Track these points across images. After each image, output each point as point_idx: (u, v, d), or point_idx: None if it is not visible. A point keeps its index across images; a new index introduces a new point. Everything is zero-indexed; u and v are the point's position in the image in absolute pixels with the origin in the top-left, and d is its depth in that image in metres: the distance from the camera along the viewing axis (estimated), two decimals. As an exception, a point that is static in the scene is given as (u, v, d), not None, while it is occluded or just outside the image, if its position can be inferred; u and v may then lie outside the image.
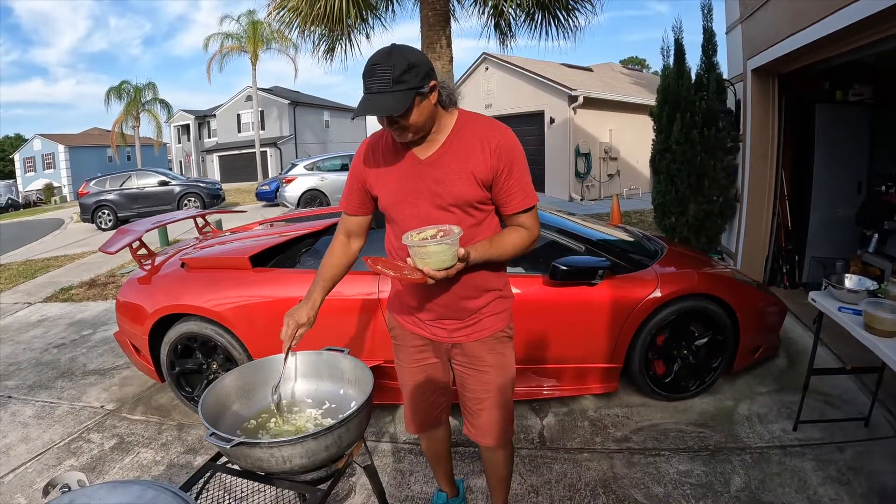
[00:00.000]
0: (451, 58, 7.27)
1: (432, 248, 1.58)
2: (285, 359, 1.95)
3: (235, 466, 1.77)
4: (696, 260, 4.09)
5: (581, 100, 14.72)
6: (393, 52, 1.65)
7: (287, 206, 14.66)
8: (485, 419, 2.08)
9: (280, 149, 34.07)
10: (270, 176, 31.23)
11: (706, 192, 6.18)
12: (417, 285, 1.88)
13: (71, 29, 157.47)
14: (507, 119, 16.78)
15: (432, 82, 1.70)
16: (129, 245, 3.97)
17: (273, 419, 1.90)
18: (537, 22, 7.30)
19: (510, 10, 7.37)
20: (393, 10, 8.01)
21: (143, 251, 4.26)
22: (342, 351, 2.03)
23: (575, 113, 15.00)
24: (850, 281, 3.03)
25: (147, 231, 4.16)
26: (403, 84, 1.63)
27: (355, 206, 2.04)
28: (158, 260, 4.16)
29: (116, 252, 3.89)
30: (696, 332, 3.54)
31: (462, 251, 1.66)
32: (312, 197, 14.35)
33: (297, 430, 1.82)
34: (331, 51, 8.07)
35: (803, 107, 5.71)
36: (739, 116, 6.12)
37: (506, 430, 2.11)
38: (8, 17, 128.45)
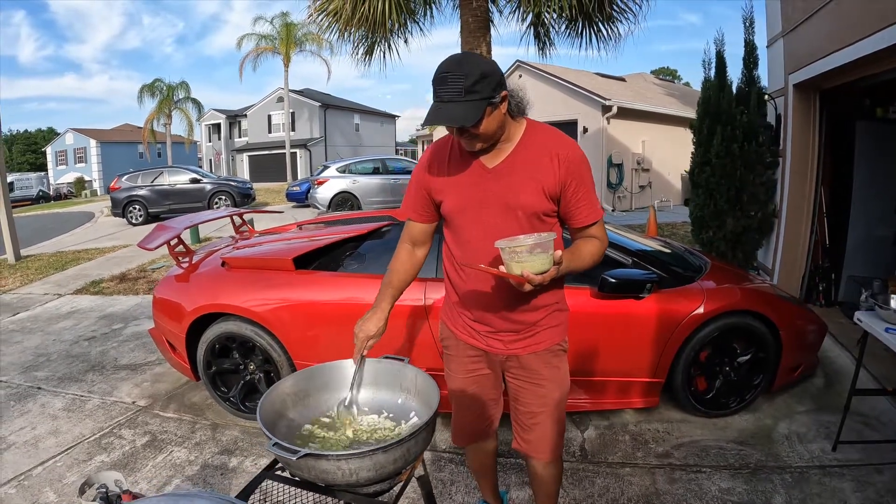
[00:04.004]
0: (492, 66, 7.29)
1: (530, 253, 1.58)
2: (356, 371, 1.93)
3: (289, 474, 1.74)
4: (738, 275, 4.07)
5: (615, 110, 14.68)
6: (465, 61, 1.65)
7: (318, 208, 14.73)
8: (538, 433, 2.06)
9: (310, 150, 34.45)
10: (300, 177, 31.54)
11: (745, 206, 6.13)
12: (477, 297, 1.90)
13: (105, 25, 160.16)
14: (539, 127, 16.79)
15: (503, 92, 1.70)
16: (168, 242, 3.96)
17: (327, 428, 1.85)
18: (578, 30, 7.29)
19: (551, 18, 7.37)
20: (431, 15, 7.99)
21: (180, 248, 4.26)
22: (402, 360, 2.00)
23: (608, 123, 14.95)
24: (896, 301, 3.02)
25: (186, 228, 4.17)
26: (475, 94, 1.63)
27: (420, 213, 2.02)
28: (196, 258, 4.19)
29: (156, 248, 3.90)
30: (738, 348, 3.53)
31: (558, 254, 1.64)
32: (344, 199, 14.38)
33: (355, 440, 1.80)
34: (369, 54, 8.10)
35: (843, 123, 5.66)
36: (779, 131, 6.08)
37: (558, 445, 2.10)
38: (44, 13, 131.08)
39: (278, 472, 1.78)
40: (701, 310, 3.33)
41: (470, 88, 1.62)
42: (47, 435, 3.64)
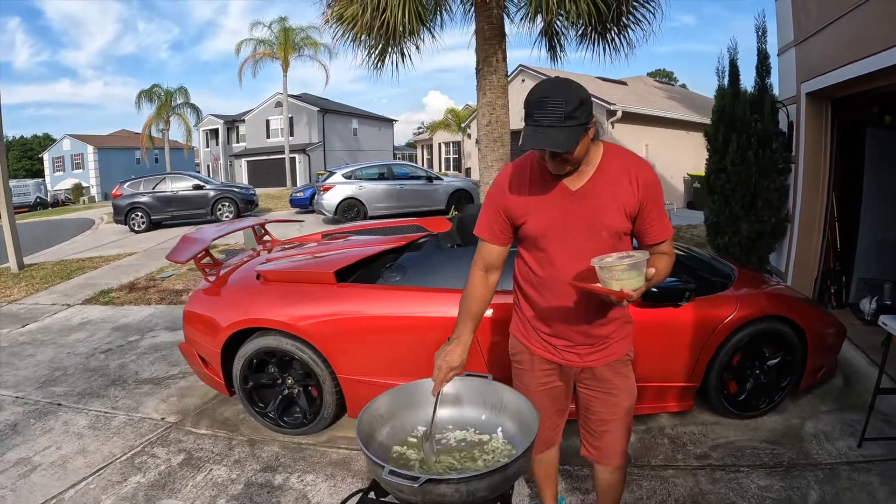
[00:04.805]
0: (507, 72, 7.40)
1: (630, 271, 1.65)
2: (436, 404, 1.87)
3: (390, 497, 1.64)
4: (763, 281, 4.22)
5: (620, 114, 14.81)
6: (564, 87, 1.70)
7: (324, 214, 14.78)
8: (609, 440, 2.14)
9: (309, 155, 34.46)
10: (299, 182, 31.54)
11: (759, 212, 6.27)
12: (558, 313, 1.99)
13: (100, 31, 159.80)
14: (541, 132, 16.87)
15: (594, 118, 1.77)
16: (197, 254, 3.90)
17: (417, 449, 1.80)
18: (592, 38, 7.41)
19: (563, 27, 7.48)
20: (442, 21, 8.07)
21: (207, 260, 4.18)
22: (486, 376, 1.96)
23: (613, 127, 15.04)
24: (920, 305, 3.17)
25: (214, 239, 4.11)
26: (574, 120, 1.67)
27: (496, 235, 2.04)
28: (223, 271, 4.13)
29: (187, 262, 3.86)
30: (766, 352, 3.66)
31: (651, 271, 1.70)
32: (350, 205, 14.43)
33: (452, 463, 1.75)
34: (381, 60, 8.18)
35: (853, 130, 5.82)
36: (791, 138, 6.23)
37: (626, 451, 2.19)
38: (39, 19, 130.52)
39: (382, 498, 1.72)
40: (734, 316, 3.46)
41: (570, 114, 1.66)
42: (75, 455, 3.51)
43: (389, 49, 7.95)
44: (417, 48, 8.08)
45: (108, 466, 3.36)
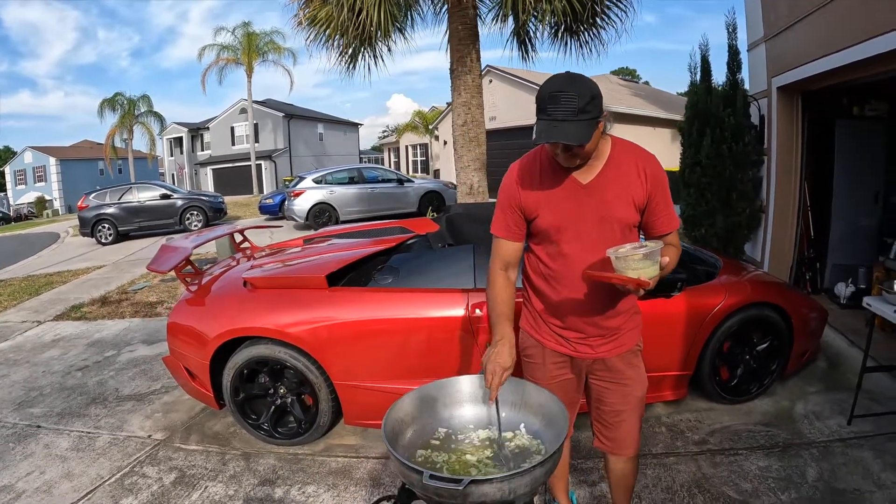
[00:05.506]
0: (481, 72, 7.45)
1: (645, 260, 1.69)
2: (497, 410, 1.83)
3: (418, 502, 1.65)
4: (745, 269, 4.32)
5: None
6: (577, 81, 1.71)
7: (295, 220, 14.69)
8: (624, 430, 2.16)
9: (275, 161, 34.13)
10: (266, 189, 31.22)
11: (734, 204, 6.44)
12: (571, 306, 2.02)
13: (59, 40, 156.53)
14: (511, 132, 17.00)
15: (605, 112, 1.78)
16: (178, 263, 3.81)
17: (440, 451, 1.77)
18: (562, 38, 7.51)
19: (536, 27, 7.58)
20: (413, 23, 8.13)
21: (188, 269, 4.07)
22: None
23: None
24: (900, 286, 3.31)
25: (195, 247, 4.01)
26: (587, 114, 1.69)
27: (513, 231, 2.05)
28: (204, 279, 4.03)
29: (169, 271, 3.78)
30: (755, 338, 3.77)
31: (665, 260, 1.74)
32: (321, 210, 14.35)
33: (479, 460, 1.73)
34: (353, 62, 8.17)
35: (823, 122, 6.00)
36: (763, 131, 6.40)
37: (639, 441, 2.22)
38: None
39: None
40: (724, 304, 3.55)
41: (583, 108, 1.68)
42: (60, 479, 3.33)
43: (362, 50, 7.95)
44: (389, 50, 8.12)
45: (97, 490, 3.20)
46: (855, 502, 2.78)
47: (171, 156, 41.04)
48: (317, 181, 14.87)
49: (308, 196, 14.50)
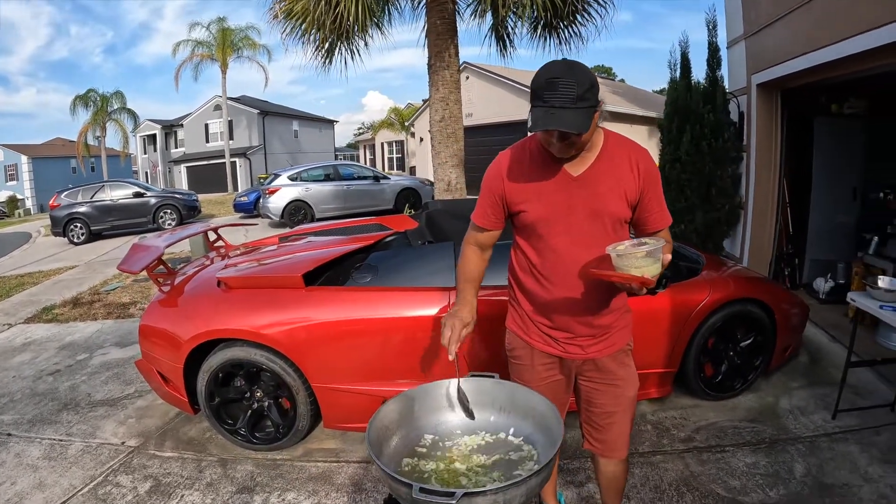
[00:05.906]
0: (459, 67, 7.38)
1: (648, 258, 1.63)
2: (457, 366, 1.83)
3: None
4: (728, 265, 4.31)
5: (565, 109, 14.93)
6: (575, 68, 1.66)
7: (270, 218, 14.50)
8: (615, 432, 2.10)
9: (249, 159, 33.69)
10: (241, 187, 30.86)
11: (714, 200, 6.47)
12: (561, 305, 1.94)
13: (31, 37, 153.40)
14: (488, 128, 16.94)
15: (601, 101, 1.73)
16: (150, 263, 3.66)
17: (427, 459, 1.71)
18: (541, 34, 7.48)
19: (514, 24, 7.53)
20: (390, 17, 8.02)
21: (160, 269, 3.94)
22: (493, 376, 1.88)
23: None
24: (883, 282, 3.34)
25: (167, 246, 3.85)
26: (586, 101, 1.63)
27: (492, 221, 2.00)
28: (177, 279, 3.91)
29: (141, 271, 3.63)
30: (738, 333, 3.75)
31: (667, 258, 1.69)
32: (297, 208, 14.19)
33: (470, 468, 1.67)
34: (329, 57, 8.05)
35: (802, 119, 6.04)
36: (743, 127, 6.43)
37: (629, 442, 2.16)
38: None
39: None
40: (708, 300, 3.52)
41: (582, 96, 1.62)
42: (32, 490, 3.21)
43: (339, 45, 7.83)
44: (366, 44, 8.00)
45: (70, 501, 3.09)
46: (844, 497, 2.77)
47: (145, 153, 40.38)
48: (292, 178, 14.69)
49: (283, 193, 14.32)
